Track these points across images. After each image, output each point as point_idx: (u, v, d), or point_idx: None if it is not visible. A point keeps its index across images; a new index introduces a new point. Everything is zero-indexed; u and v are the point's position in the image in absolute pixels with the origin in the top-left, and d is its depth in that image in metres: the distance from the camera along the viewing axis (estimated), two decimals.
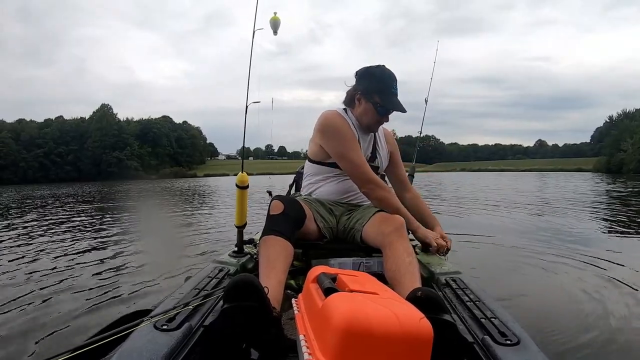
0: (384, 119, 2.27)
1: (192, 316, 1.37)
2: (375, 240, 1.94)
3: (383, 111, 2.23)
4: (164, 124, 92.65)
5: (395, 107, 2.22)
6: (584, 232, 6.06)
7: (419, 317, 0.94)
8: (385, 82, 2.22)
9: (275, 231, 1.80)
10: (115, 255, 4.53)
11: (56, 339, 2.19)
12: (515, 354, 1.18)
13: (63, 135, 78.55)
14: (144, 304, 2.64)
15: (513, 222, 7.23)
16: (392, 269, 1.75)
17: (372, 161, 2.32)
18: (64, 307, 2.70)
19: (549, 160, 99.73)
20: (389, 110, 2.24)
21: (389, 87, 2.21)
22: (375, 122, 2.26)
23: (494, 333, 1.30)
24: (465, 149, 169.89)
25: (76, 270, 3.75)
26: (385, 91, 2.21)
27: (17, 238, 6.05)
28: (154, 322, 1.26)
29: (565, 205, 10.12)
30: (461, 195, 14.79)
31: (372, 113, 2.23)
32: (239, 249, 2.22)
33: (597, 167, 58.38)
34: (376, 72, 2.24)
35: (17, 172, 71.90)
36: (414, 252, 1.84)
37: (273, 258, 1.72)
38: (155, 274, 3.55)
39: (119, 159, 77.79)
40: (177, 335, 1.22)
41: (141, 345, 1.15)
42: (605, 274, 3.67)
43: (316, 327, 1.04)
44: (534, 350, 1.20)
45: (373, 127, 2.30)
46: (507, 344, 1.23)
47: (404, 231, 1.89)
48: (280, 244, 1.76)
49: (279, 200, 1.92)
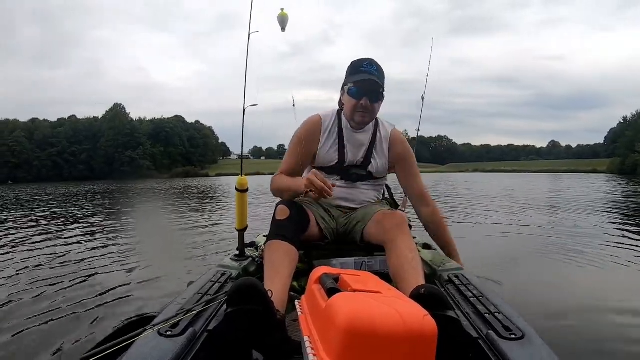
0: (364, 103, 2.04)
1: (196, 321, 1.37)
2: (377, 237, 1.93)
3: (354, 91, 2.04)
4: (177, 123, 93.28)
5: (364, 82, 2.03)
6: (592, 231, 6.08)
7: (423, 315, 0.94)
8: (354, 64, 2.10)
9: (280, 236, 1.81)
10: (118, 256, 4.51)
11: (58, 349, 2.17)
12: (521, 348, 1.18)
13: (76, 135, 79.53)
14: (148, 309, 2.65)
15: (520, 221, 7.24)
16: (395, 265, 1.74)
17: (364, 166, 2.18)
18: (63, 315, 2.68)
19: (562, 162, 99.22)
20: (362, 89, 2.04)
21: (358, 67, 2.07)
22: (352, 109, 2.08)
23: (498, 328, 1.30)
24: (478, 149, 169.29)
25: (76, 275, 3.70)
26: (354, 70, 2.08)
27: (13, 240, 5.97)
28: (158, 328, 1.26)
29: (575, 205, 10.12)
30: (470, 195, 14.79)
31: (347, 100, 2.10)
32: (240, 252, 2.22)
33: (611, 169, 58.02)
34: (352, 62, 2.13)
35: (31, 170, 73.08)
36: (416, 248, 1.83)
37: (278, 262, 1.72)
38: (158, 278, 3.54)
39: (131, 158, 78.69)
40: (181, 341, 1.22)
41: (146, 352, 1.15)
42: (611, 271, 3.70)
43: (320, 328, 1.04)
44: (538, 344, 1.20)
45: (357, 116, 2.08)
46: (512, 339, 1.23)
47: (406, 227, 1.87)
48: (286, 249, 1.78)
49: (285, 205, 1.92)
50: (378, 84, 2.03)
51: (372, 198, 2.27)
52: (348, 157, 2.17)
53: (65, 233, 6.43)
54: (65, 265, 4.21)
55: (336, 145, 2.17)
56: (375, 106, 2.09)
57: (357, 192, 2.22)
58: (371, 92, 2.05)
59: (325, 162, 2.19)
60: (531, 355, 1.15)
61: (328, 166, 2.19)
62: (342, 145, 2.16)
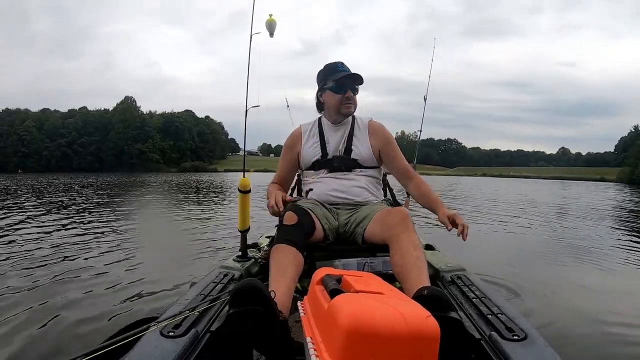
0: (346, 96, 2.27)
1: (199, 322, 1.38)
2: (381, 235, 1.92)
3: (337, 87, 2.26)
4: (187, 118, 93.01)
5: (345, 77, 2.25)
6: (597, 237, 6.11)
7: (425, 316, 0.94)
8: (329, 66, 2.35)
9: (288, 241, 1.84)
10: (121, 254, 4.50)
11: (58, 348, 2.18)
12: (523, 349, 1.18)
13: (86, 126, 79.62)
14: (151, 310, 2.65)
15: (525, 226, 7.23)
16: (400, 263, 1.74)
17: (347, 154, 2.31)
18: (65, 314, 2.68)
19: (571, 169, 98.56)
20: (344, 83, 2.26)
21: (335, 67, 2.32)
22: (338, 103, 2.28)
23: (501, 329, 1.30)
24: (487, 153, 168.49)
25: (77, 273, 3.68)
26: (331, 71, 2.31)
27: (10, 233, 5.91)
28: (161, 328, 1.27)
29: (579, 212, 10.09)
30: (477, 197, 14.77)
31: (331, 96, 2.29)
32: (243, 253, 2.24)
33: (620, 178, 57.66)
34: (325, 66, 2.38)
35: (40, 160, 73.48)
36: (420, 245, 1.82)
37: (284, 265, 1.74)
38: (160, 277, 3.53)
39: (140, 151, 78.82)
40: (184, 341, 1.22)
41: (149, 352, 1.15)
42: (615, 275, 3.75)
43: (323, 328, 1.04)
44: (541, 345, 1.20)
45: (342, 109, 2.29)
46: (515, 340, 1.23)
47: (410, 222, 1.86)
48: (293, 254, 1.80)
49: (293, 211, 1.96)
50: (357, 75, 2.26)
51: (366, 187, 2.28)
52: (330, 148, 2.32)
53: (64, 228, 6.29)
54: (60, 258, 4.21)
55: (317, 141, 2.35)
56: (356, 98, 2.32)
57: (347, 183, 2.26)
58: (353, 84, 2.28)
59: (310, 159, 2.34)
60: (534, 356, 1.15)
61: (313, 162, 2.33)
62: (322, 140, 2.35)
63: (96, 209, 9.43)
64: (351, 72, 2.29)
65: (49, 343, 2.24)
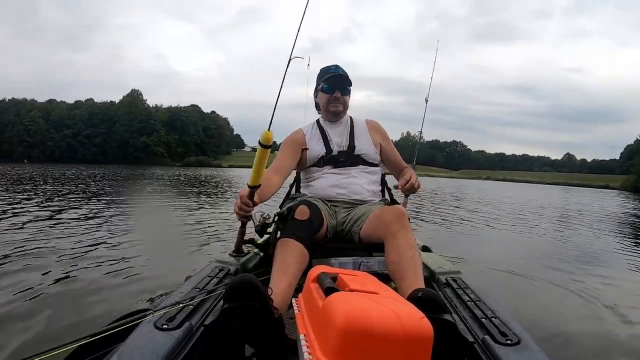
0: (336, 96, 2.36)
1: (193, 315, 1.37)
2: (377, 233, 1.91)
3: (326, 87, 2.37)
4: (193, 112, 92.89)
5: (333, 77, 2.35)
6: (594, 244, 6.10)
7: (420, 317, 0.95)
8: (324, 70, 2.44)
9: (297, 236, 1.82)
10: (117, 246, 4.42)
11: (51, 336, 2.15)
12: (516, 354, 1.18)
13: (92, 118, 79.68)
14: (145, 302, 2.66)
15: (522, 232, 7.20)
16: (395, 262, 1.73)
17: (351, 150, 2.37)
18: (56, 302, 2.65)
19: (575, 175, 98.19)
20: (334, 83, 2.36)
21: (327, 70, 2.40)
22: (327, 101, 2.39)
23: (494, 333, 1.30)
24: (492, 157, 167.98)
25: (71, 263, 3.61)
26: (324, 74, 2.40)
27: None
28: (154, 321, 1.27)
29: (577, 220, 10.12)
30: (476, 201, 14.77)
31: (322, 96, 2.41)
32: (239, 248, 2.22)
33: (625, 185, 57.33)
34: (321, 69, 2.48)
35: (45, 150, 73.73)
36: (416, 244, 1.81)
37: (289, 262, 1.74)
38: (155, 270, 3.47)
39: (145, 144, 78.84)
40: (177, 334, 1.22)
41: (142, 344, 1.15)
42: (608, 280, 3.76)
43: (317, 326, 1.04)
44: (534, 350, 1.20)
45: (331, 107, 2.38)
46: (508, 344, 1.23)
47: (406, 220, 1.85)
48: (299, 250, 1.78)
49: (306, 206, 1.93)
50: (345, 76, 2.36)
51: (366, 186, 2.31)
52: (334, 144, 2.39)
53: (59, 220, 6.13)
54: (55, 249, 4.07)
55: (320, 139, 2.41)
56: (346, 98, 2.41)
57: (351, 180, 2.29)
58: (341, 84, 2.37)
59: (315, 156, 2.37)
60: None
61: (318, 158, 2.36)
62: (325, 137, 2.41)
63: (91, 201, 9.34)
64: (337, 70, 2.38)
65: (39, 331, 2.22)
